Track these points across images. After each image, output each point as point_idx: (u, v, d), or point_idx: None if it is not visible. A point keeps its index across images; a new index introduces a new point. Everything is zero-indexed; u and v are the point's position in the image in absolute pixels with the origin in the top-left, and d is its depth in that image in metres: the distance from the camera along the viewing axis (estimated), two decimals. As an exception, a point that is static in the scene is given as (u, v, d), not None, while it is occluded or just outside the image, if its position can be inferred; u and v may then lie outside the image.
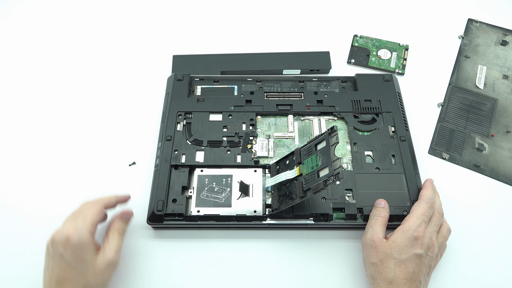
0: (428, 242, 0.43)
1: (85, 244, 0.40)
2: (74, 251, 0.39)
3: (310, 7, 0.74)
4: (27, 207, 0.52)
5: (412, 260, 0.42)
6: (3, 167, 0.56)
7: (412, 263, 0.42)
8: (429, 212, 0.46)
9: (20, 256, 0.49)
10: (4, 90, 0.63)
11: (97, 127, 0.59)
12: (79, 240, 0.39)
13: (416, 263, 0.42)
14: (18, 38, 0.69)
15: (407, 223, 0.44)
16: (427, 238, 0.43)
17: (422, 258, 0.42)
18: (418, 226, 0.44)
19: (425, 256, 0.43)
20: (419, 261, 0.42)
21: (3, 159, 0.56)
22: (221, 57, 0.65)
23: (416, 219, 0.44)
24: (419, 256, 0.42)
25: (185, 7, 0.73)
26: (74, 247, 0.39)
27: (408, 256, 0.42)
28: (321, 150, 0.45)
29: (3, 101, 0.62)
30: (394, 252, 0.42)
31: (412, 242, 0.43)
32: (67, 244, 0.39)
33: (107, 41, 0.69)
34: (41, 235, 0.50)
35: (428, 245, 0.43)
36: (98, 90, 0.63)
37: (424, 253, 0.43)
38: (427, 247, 0.43)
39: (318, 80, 0.60)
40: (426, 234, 0.44)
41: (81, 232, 0.40)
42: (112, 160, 0.56)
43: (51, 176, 0.55)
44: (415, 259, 0.42)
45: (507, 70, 0.65)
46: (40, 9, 0.73)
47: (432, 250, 0.43)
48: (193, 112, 0.56)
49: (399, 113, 0.56)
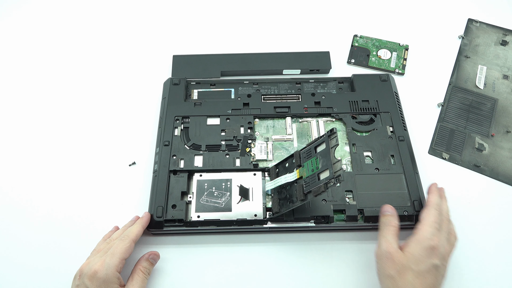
0: (443, 252, 0.42)
1: (111, 281, 0.42)
2: (99, 286, 0.41)
3: (310, 7, 0.74)
4: (25, 208, 0.52)
5: (430, 272, 0.41)
6: (2, 168, 0.56)
7: (430, 275, 0.41)
8: (440, 218, 0.45)
9: (19, 257, 0.49)
10: (3, 94, 0.63)
11: (96, 130, 0.59)
12: (106, 276, 0.41)
13: (435, 275, 0.41)
14: (16, 40, 0.69)
15: (421, 232, 0.43)
16: (442, 247, 0.42)
17: (439, 268, 0.41)
18: (433, 235, 0.42)
19: (441, 266, 0.42)
20: (437, 272, 0.41)
21: (2, 160, 0.56)
22: (221, 57, 0.64)
23: (429, 227, 0.43)
24: (436, 267, 0.41)
25: (185, 7, 0.73)
26: (100, 283, 0.41)
27: (426, 267, 0.41)
28: (321, 153, 0.45)
29: (2, 104, 0.62)
30: (412, 263, 0.41)
31: (429, 252, 0.41)
32: (94, 278, 0.41)
33: (106, 42, 0.69)
34: (40, 236, 0.50)
35: (443, 254, 0.42)
36: (96, 92, 0.63)
37: (441, 263, 0.42)
38: (442, 256, 0.42)
39: (315, 81, 0.60)
40: (440, 243, 0.42)
41: (109, 269, 0.42)
42: (109, 164, 0.56)
43: (49, 177, 0.55)
44: (433, 270, 0.41)
45: (507, 70, 0.65)
46: (37, 10, 0.73)
47: (446, 259, 0.42)
48: (191, 116, 0.56)
49: (397, 113, 0.56)
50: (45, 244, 0.50)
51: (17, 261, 0.49)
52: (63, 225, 0.51)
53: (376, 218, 0.48)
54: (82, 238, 0.50)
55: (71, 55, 0.67)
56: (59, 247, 0.50)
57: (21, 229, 0.51)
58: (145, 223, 0.47)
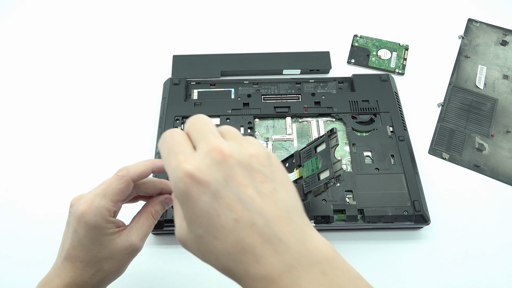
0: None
1: (101, 227, 0.33)
2: (88, 232, 0.33)
3: (310, 7, 0.74)
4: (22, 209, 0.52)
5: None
6: (2, 168, 0.56)
7: None
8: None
9: (18, 259, 0.49)
10: (4, 94, 0.63)
11: (95, 130, 0.59)
12: (95, 222, 0.33)
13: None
14: (16, 40, 0.69)
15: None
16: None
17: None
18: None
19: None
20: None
21: (2, 160, 0.56)
22: (221, 57, 0.64)
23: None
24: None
25: (185, 7, 0.73)
26: (89, 228, 0.33)
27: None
28: (321, 153, 0.45)
29: (2, 104, 0.62)
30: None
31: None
32: (81, 221, 0.33)
33: (106, 42, 0.69)
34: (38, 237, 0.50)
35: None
36: (96, 92, 0.63)
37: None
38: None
39: (315, 81, 0.60)
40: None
41: (98, 214, 0.33)
42: (109, 164, 0.56)
43: (49, 177, 0.55)
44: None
45: (507, 70, 0.65)
46: (37, 10, 0.73)
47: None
48: (191, 116, 0.56)
49: (397, 113, 0.56)
50: (45, 243, 0.50)
51: (16, 263, 0.49)
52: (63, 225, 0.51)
53: (376, 218, 0.48)
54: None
55: (71, 55, 0.67)
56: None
57: (21, 228, 0.51)
58: (155, 167, 0.36)
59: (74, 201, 0.35)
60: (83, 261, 0.34)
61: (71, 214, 0.34)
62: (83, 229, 0.33)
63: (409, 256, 0.49)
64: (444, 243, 0.50)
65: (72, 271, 0.34)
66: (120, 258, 0.35)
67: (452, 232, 0.51)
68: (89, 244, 0.34)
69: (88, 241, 0.33)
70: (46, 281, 0.35)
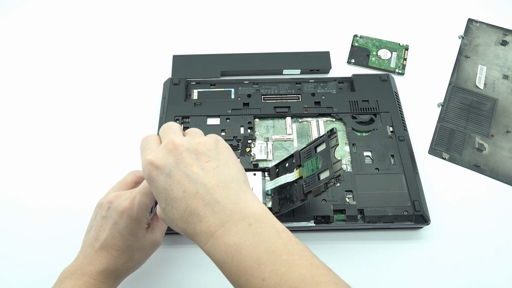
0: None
1: (141, 220, 0.39)
2: (129, 224, 0.39)
3: (310, 7, 0.74)
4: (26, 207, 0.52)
5: None
6: (2, 168, 0.56)
7: None
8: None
9: (18, 261, 0.49)
10: (4, 94, 0.63)
11: (95, 130, 0.59)
12: (137, 215, 0.39)
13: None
14: (16, 40, 0.69)
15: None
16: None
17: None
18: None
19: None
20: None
21: (3, 160, 0.56)
22: (221, 57, 0.64)
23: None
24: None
25: (185, 7, 0.73)
26: (131, 221, 0.39)
27: None
28: (321, 153, 0.45)
29: (3, 104, 0.62)
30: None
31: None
32: (124, 214, 0.39)
33: (106, 42, 0.69)
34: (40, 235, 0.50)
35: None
36: (96, 92, 0.63)
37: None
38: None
39: (315, 81, 0.60)
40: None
41: (140, 208, 0.39)
42: (109, 164, 0.56)
43: (49, 177, 0.55)
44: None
45: (507, 70, 0.65)
46: (37, 10, 0.73)
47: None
48: (191, 116, 0.56)
49: (397, 113, 0.56)
50: (45, 243, 0.50)
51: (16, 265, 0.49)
52: (63, 226, 0.51)
53: (376, 218, 0.48)
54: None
55: (72, 55, 0.67)
56: (59, 245, 0.50)
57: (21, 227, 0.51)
58: None
59: (113, 198, 0.40)
60: (119, 249, 0.39)
61: (112, 209, 0.40)
62: (125, 221, 0.39)
63: (409, 256, 0.49)
64: (444, 243, 0.50)
65: (107, 258, 0.38)
66: (147, 250, 0.41)
67: (452, 232, 0.51)
68: (127, 234, 0.39)
69: (127, 232, 0.39)
70: (74, 268, 0.38)
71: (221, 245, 0.31)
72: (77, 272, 0.38)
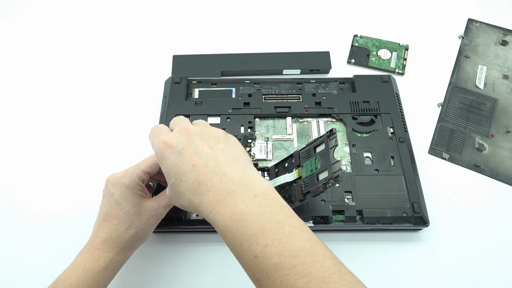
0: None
1: (133, 187, 0.42)
2: (123, 191, 0.42)
3: (310, 7, 0.74)
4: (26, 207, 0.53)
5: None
6: (3, 168, 0.56)
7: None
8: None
9: (17, 262, 0.49)
10: (5, 94, 0.63)
11: (97, 130, 0.59)
12: (129, 182, 0.42)
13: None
14: (16, 40, 0.69)
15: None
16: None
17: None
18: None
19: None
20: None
21: (3, 160, 0.57)
22: (221, 57, 0.64)
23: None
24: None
25: (185, 7, 0.73)
26: (125, 188, 0.42)
27: None
28: (320, 153, 0.45)
29: (3, 104, 0.62)
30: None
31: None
32: (117, 184, 0.42)
33: (107, 41, 0.69)
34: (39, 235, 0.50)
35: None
36: (97, 91, 0.63)
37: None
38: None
39: (316, 81, 0.60)
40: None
41: (132, 176, 0.42)
42: (109, 163, 0.56)
43: (49, 177, 0.55)
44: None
45: (507, 70, 0.65)
46: (37, 10, 0.73)
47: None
48: (191, 115, 0.56)
49: (397, 114, 0.56)
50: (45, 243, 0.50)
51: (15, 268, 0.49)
52: (63, 226, 0.51)
53: (375, 219, 0.48)
54: (84, 237, 0.50)
55: (72, 55, 0.67)
56: (59, 245, 0.50)
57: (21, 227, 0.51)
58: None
59: (109, 177, 0.45)
60: (118, 217, 0.42)
61: (109, 184, 0.43)
62: (119, 189, 0.42)
63: (408, 258, 0.49)
64: (443, 245, 0.50)
65: (108, 227, 0.41)
66: (146, 217, 0.43)
67: (452, 233, 0.51)
68: (123, 202, 0.42)
69: (122, 199, 0.42)
70: (84, 246, 0.41)
71: (227, 212, 0.33)
72: (86, 247, 0.41)
